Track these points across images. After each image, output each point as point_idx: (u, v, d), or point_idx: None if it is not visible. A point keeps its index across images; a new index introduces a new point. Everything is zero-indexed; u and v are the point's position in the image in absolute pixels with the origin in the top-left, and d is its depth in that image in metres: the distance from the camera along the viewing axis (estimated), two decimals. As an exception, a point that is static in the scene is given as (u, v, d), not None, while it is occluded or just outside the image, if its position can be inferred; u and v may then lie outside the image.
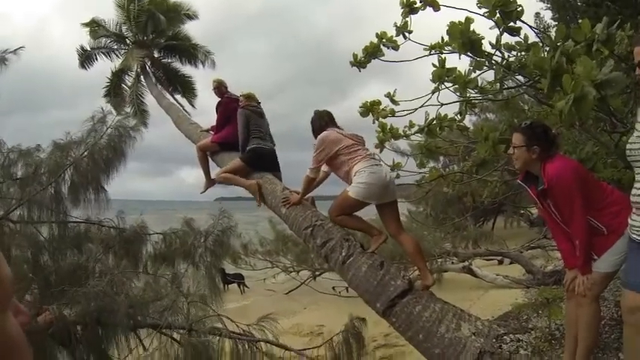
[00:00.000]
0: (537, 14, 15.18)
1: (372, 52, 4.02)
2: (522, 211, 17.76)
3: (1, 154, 5.73)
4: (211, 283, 5.34)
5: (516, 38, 3.53)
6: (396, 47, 3.98)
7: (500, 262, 12.59)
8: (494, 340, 3.06)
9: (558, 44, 2.94)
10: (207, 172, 5.94)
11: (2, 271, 0.58)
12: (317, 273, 12.29)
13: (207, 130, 6.52)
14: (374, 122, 4.40)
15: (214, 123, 6.19)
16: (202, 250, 5.52)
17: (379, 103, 4.33)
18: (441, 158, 10.32)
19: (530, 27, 3.66)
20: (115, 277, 4.44)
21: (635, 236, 2.58)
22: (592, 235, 2.83)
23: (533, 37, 3.68)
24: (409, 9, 3.74)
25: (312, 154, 4.12)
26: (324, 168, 4.31)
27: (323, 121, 4.23)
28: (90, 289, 4.15)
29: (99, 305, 4.16)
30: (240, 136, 5.24)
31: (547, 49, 3.63)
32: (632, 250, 2.67)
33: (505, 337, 3.18)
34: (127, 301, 4.28)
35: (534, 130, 3.00)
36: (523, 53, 3.57)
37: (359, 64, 4.14)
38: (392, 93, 4.20)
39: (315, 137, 4.19)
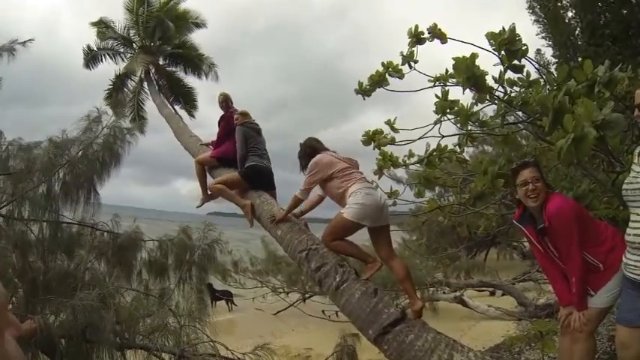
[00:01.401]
0: (538, 50, 15.47)
1: (378, 81, 4.07)
2: (515, 244, 17.76)
3: (0, 148, 5.63)
4: (199, 299, 5.25)
5: (519, 75, 3.60)
6: (401, 76, 4.04)
7: (492, 294, 12.53)
8: (486, 372, 3.03)
9: (561, 84, 2.99)
10: (204, 187, 5.90)
11: None
12: (307, 295, 12.19)
13: (207, 145, 6.51)
14: (374, 149, 4.43)
15: (214, 137, 6.18)
16: (189, 266, 5.43)
17: (381, 132, 4.37)
18: (437, 188, 10.34)
19: (532, 63, 3.73)
20: (105, 290, 4.33)
21: (628, 274, 2.65)
22: (589, 271, 2.86)
23: (534, 73, 3.76)
24: (416, 39, 3.81)
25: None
26: (319, 191, 4.33)
27: (312, 147, 4.26)
28: (77, 302, 4.04)
29: (85, 319, 4.03)
30: (238, 152, 5.25)
31: (548, 86, 3.70)
32: (625, 287, 2.73)
33: (498, 368, 3.15)
34: (115, 317, 4.16)
35: (539, 165, 3.06)
36: (524, 90, 3.64)
37: (364, 92, 4.19)
38: (392, 120, 4.24)
39: (302, 169, 4.25)
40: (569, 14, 14.55)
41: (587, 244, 2.86)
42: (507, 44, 3.19)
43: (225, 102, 6.04)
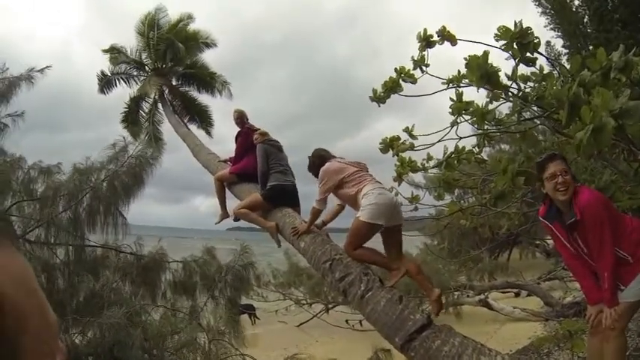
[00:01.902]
0: (548, 43, 15.37)
1: (392, 88, 4.09)
2: (538, 242, 17.45)
3: (22, 172, 5.75)
4: (231, 318, 5.23)
5: (532, 69, 3.57)
6: (414, 81, 4.04)
7: (517, 295, 12.29)
8: (516, 375, 2.98)
9: (575, 75, 2.96)
10: (223, 203, 5.93)
11: (51, 317, 0.57)
12: (330, 306, 12.10)
13: (225, 161, 6.53)
14: (394, 156, 4.44)
15: (232, 153, 6.20)
16: (222, 285, 5.42)
17: (398, 138, 4.38)
18: (456, 190, 10.19)
19: (545, 57, 3.71)
20: (132, 308, 4.34)
21: None
22: (618, 265, 2.81)
23: (546, 67, 3.73)
24: (426, 43, 3.81)
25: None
26: (338, 201, 4.38)
27: (321, 158, 4.34)
28: (105, 320, 4.07)
29: (113, 337, 4.06)
30: (259, 169, 5.24)
31: (562, 78, 3.66)
32: None
33: (527, 371, 3.09)
34: (142, 334, 4.16)
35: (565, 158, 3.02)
36: (538, 84, 3.60)
37: (378, 99, 4.20)
38: (410, 128, 4.25)
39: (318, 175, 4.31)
40: (576, 2, 14.48)
41: (616, 238, 2.82)
42: (519, 38, 3.17)
43: (240, 118, 6.06)
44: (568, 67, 3.63)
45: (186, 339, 4.38)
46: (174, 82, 13.93)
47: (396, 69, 4.10)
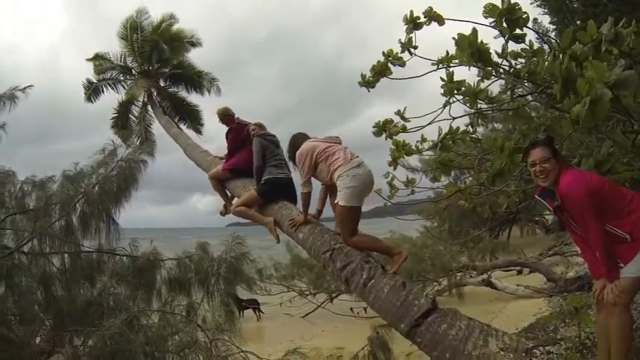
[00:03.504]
0: (535, 20, 15.31)
1: (380, 71, 4.05)
2: (537, 218, 17.55)
3: (14, 186, 5.70)
4: (227, 311, 5.21)
5: (522, 45, 3.53)
6: (402, 64, 4.00)
7: (520, 272, 12.37)
8: (523, 355, 2.96)
9: (566, 49, 2.92)
10: (226, 198, 5.86)
11: None
12: (334, 295, 12.11)
13: (222, 158, 6.41)
14: (386, 139, 4.40)
15: (226, 150, 6.11)
16: (216, 278, 5.38)
17: (391, 121, 4.34)
18: (452, 172, 10.13)
19: (535, 32, 3.67)
20: (131, 314, 4.27)
21: None
22: (615, 242, 2.78)
23: (536, 43, 3.69)
24: (413, 25, 3.76)
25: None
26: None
27: (298, 143, 4.36)
28: (104, 332, 3.97)
29: (113, 347, 3.92)
30: (254, 164, 5.13)
31: (553, 53, 3.62)
32: None
33: (535, 350, 3.06)
34: (143, 338, 4.07)
35: (552, 142, 3.00)
36: (529, 60, 3.56)
37: (367, 83, 4.17)
38: (402, 110, 4.21)
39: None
40: (562, -23, 14.39)
41: (611, 217, 2.79)
42: (507, 14, 3.13)
43: (224, 117, 5.95)
44: (557, 41, 3.58)
45: (187, 340, 4.33)
46: (162, 84, 13.89)
47: (384, 52, 4.05)
